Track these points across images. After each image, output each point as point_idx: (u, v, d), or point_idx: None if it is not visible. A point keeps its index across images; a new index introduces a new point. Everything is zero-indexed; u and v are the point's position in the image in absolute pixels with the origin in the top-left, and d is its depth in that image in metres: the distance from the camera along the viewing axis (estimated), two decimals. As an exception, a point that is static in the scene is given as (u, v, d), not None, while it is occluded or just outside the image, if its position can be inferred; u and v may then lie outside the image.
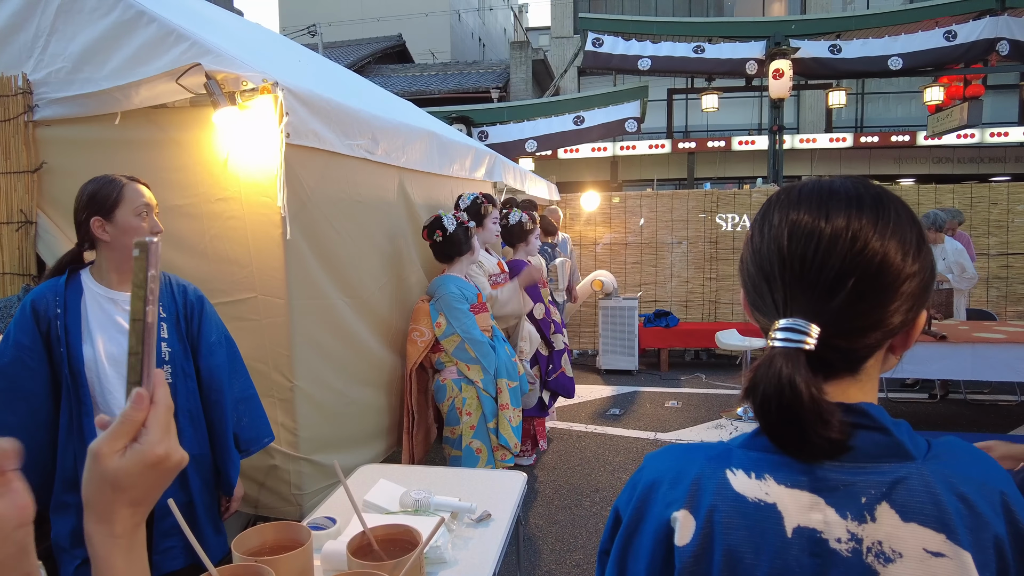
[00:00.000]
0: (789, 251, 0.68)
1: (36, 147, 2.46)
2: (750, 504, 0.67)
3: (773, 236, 0.70)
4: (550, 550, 3.34)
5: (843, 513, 0.65)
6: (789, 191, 0.73)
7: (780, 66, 8.59)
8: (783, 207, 0.72)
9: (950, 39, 8.53)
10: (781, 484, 0.67)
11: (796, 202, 0.71)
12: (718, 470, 0.70)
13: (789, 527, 0.65)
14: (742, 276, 0.76)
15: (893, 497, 0.64)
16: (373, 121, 2.84)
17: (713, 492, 0.68)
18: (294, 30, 18.02)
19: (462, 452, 3.21)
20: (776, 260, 0.69)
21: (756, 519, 0.66)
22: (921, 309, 0.69)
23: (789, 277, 0.68)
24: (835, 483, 0.66)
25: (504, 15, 29.81)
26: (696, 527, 0.68)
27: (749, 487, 0.67)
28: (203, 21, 2.73)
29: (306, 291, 2.48)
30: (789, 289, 0.68)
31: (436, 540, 1.66)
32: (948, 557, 0.62)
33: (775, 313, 0.69)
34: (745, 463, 0.69)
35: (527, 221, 4.44)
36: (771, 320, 0.69)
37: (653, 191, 9.13)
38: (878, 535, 0.63)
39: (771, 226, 0.71)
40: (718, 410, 5.66)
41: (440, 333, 3.20)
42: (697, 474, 0.70)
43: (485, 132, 8.78)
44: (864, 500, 0.65)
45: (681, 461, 0.73)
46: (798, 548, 0.65)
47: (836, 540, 0.64)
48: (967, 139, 13.68)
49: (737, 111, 15.88)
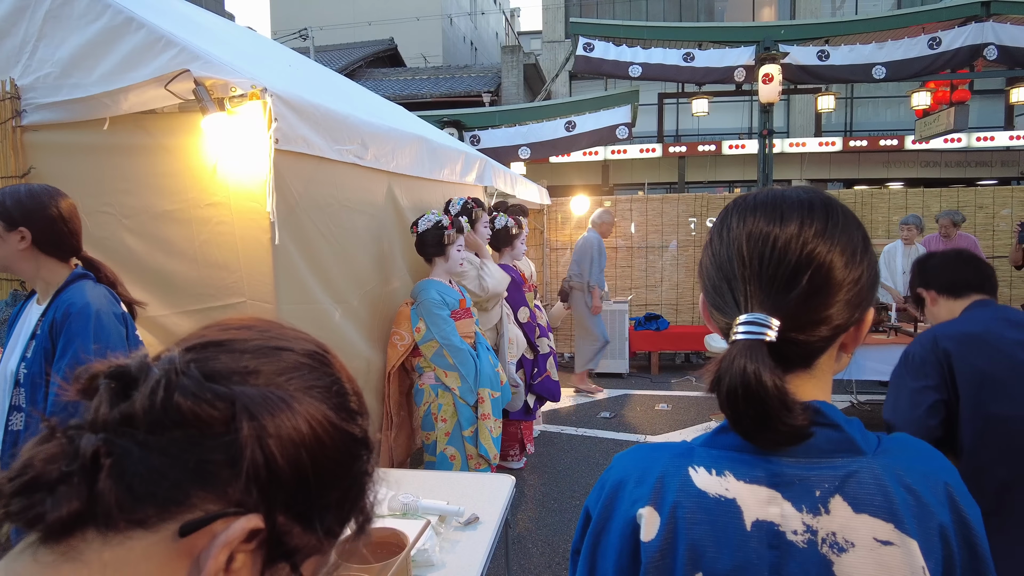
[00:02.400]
0: (748, 252, 0.72)
1: (24, 152, 2.46)
2: (711, 499, 0.70)
3: (732, 239, 0.74)
4: (539, 553, 3.35)
5: (799, 506, 0.68)
6: (745, 199, 0.78)
7: (770, 71, 8.65)
8: (740, 213, 0.76)
9: (934, 47, 8.62)
10: (740, 480, 0.70)
11: (752, 208, 0.75)
12: (681, 468, 0.73)
13: (748, 521, 0.68)
14: (702, 280, 0.79)
15: (845, 490, 0.68)
16: (363, 126, 2.85)
17: (676, 489, 0.71)
18: (285, 34, 18.00)
19: (436, 458, 3.22)
20: (736, 261, 0.73)
21: (717, 514, 0.69)
22: (868, 308, 0.73)
23: (749, 275, 0.71)
24: (791, 478, 0.69)
25: (496, 19, 29.89)
26: (660, 523, 0.70)
27: (710, 483, 0.70)
28: (192, 26, 2.74)
29: (294, 296, 2.49)
30: (749, 286, 0.71)
31: (424, 543, 1.67)
32: (896, 545, 0.66)
33: (736, 310, 0.72)
34: (706, 460, 0.72)
35: (512, 226, 4.46)
36: (731, 318, 0.72)
37: (644, 195, 9.18)
38: (832, 526, 0.67)
39: (729, 230, 0.75)
40: (707, 413, 5.69)
41: (419, 338, 3.21)
42: (661, 472, 0.73)
43: (477, 136, 8.80)
44: (818, 493, 0.68)
45: (646, 460, 0.76)
46: (757, 541, 0.68)
47: (792, 532, 0.67)
48: (954, 143, 13.80)
49: (727, 115, 15.97)
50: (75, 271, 1.86)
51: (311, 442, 0.48)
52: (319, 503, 0.50)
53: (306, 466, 0.48)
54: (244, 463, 0.45)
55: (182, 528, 0.44)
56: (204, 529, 0.45)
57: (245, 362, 0.49)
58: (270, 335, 0.52)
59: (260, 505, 0.46)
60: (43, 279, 1.85)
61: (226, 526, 0.45)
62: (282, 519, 0.47)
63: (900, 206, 7.52)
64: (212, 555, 0.45)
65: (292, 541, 0.49)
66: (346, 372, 0.55)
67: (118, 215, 2.44)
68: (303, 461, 0.48)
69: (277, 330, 0.54)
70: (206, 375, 0.46)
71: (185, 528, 0.44)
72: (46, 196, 1.83)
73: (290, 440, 0.47)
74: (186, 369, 0.46)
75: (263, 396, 0.47)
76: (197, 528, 0.45)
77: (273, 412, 0.47)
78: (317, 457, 0.48)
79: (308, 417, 0.48)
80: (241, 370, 0.48)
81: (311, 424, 0.48)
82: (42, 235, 1.80)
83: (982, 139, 14.27)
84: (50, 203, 1.83)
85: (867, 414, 5.56)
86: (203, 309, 2.43)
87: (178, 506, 0.45)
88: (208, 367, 0.47)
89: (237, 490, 0.45)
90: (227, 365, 0.48)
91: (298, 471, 0.47)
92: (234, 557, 0.46)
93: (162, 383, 0.45)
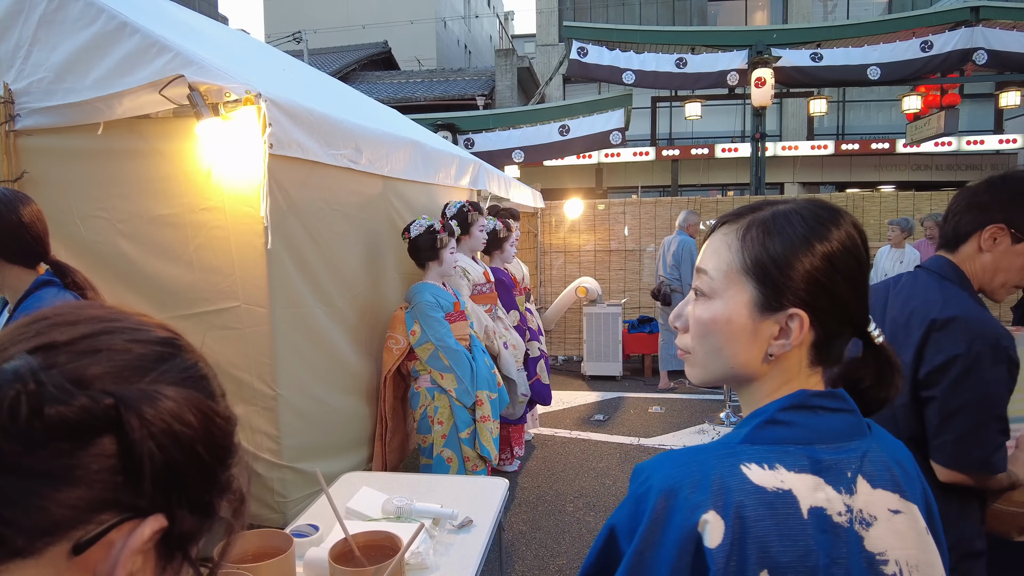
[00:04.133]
0: (864, 264, 0.79)
1: (17, 156, 2.46)
2: (771, 494, 0.70)
3: (850, 248, 0.78)
4: (534, 556, 3.36)
5: (838, 489, 0.72)
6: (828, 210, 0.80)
7: (762, 74, 8.71)
8: (839, 224, 0.78)
9: (926, 49, 8.70)
10: (790, 470, 0.72)
11: (839, 221, 0.79)
12: (733, 467, 0.71)
13: (804, 509, 0.70)
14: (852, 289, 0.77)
15: (864, 469, 0.74)
16: (357, 131, 2.86)
17: (735, 489, 0.70)
18: (279, 37, 17.99)
19: (433, 461, 3.22)
20: (858, 273, 0.78)
21: (778, 507, 0.70)
22: None
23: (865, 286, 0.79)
24: (828, 463, 0.73)
25: (490, 22, 29.94)
26: (726, 526, 0.68)
27: (766, 478, 0.71)
28: (187, 31, 2.74)
29: (289, 300, 2.49)
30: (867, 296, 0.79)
31: (418, 546, 1.68)
32: (903, 513, 0.74)
33: (866, 319, 0.80)
34: (755, 456, 0.72)
35: (501, 229, 4.48)
36: (866, 325, 0.80)
37: (637, 198, 9.21)
38: (859, 504, 0.72)
39: (849, 239, 0.78)
40: (701, 415, 5.72)
41: (415, 341, 3.21)
42: (716, 474, 0.71)
43: (471, 139, 8.82)
44: (848, 475, 0.73)
45: (694, 465, 0.73)
46: (813, 527, 0.70)
47: (837, 514, 0.71)
48: (945, 147, 13.92)
49: (720, 119, 16.05)
50: (39, 278, 1.79)
51: (199, 431, 0.47)
52: (210, 488, 0.49)
53: (199, 455, 0.47)
54: (139, 465, 0.43)
55: (76, 546, 0.42)
56: (100, 542, 0.43)
57: (110, 361, 0.45)
58: (118, 325, 0.49)
59: (160, 503, 0.45)
60: (10, 287, 1.79)
61: (125, 533, 0.43)
62: (179, 512, 0.46)
63: (891, 209, 7.57)
64: (122, 562, 0.43)
65: (188, 530, 0.48)
66: (197, 351, 0.53)
67: (112, 219, 2.44)
68: (196, 451, 0.46)
69: (122, 319, 0.50)
70: (72, 381, 0.42)
71: (79, 546, 0.42)
72: (4, 204, 1.76)
73: (181, 433, 0.45)
74: (48, 378, 0.42)
75: (143, 394, 0.44)
76: (93, 543, 0.42)
77: (157, 409, 0.44)
78: (205, 444, 0.47)
79: (189, 408, 0.46)
80: (110, 371, 0.45)
81: (194, 414, 0.47)
82: (5, 244, 1.74)
83: (972, 142, 14.40)
84: (9, 210, 1.75)
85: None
86: (198, 313, 2.44)
87: (64, 526, 0.42)
88: (71, 372, 0.43)
89: (130, 494, 0.43)
90: (90, 367, 0.44)
91: (192, 462, 0.46)
92: (135, 560, 0.45)
93: (23, 397, 0.40)
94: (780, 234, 0.76)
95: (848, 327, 0.78)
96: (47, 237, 1.84)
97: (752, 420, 0.77)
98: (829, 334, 0.77)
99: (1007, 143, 14.50)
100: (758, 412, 0.77)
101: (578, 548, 3.42)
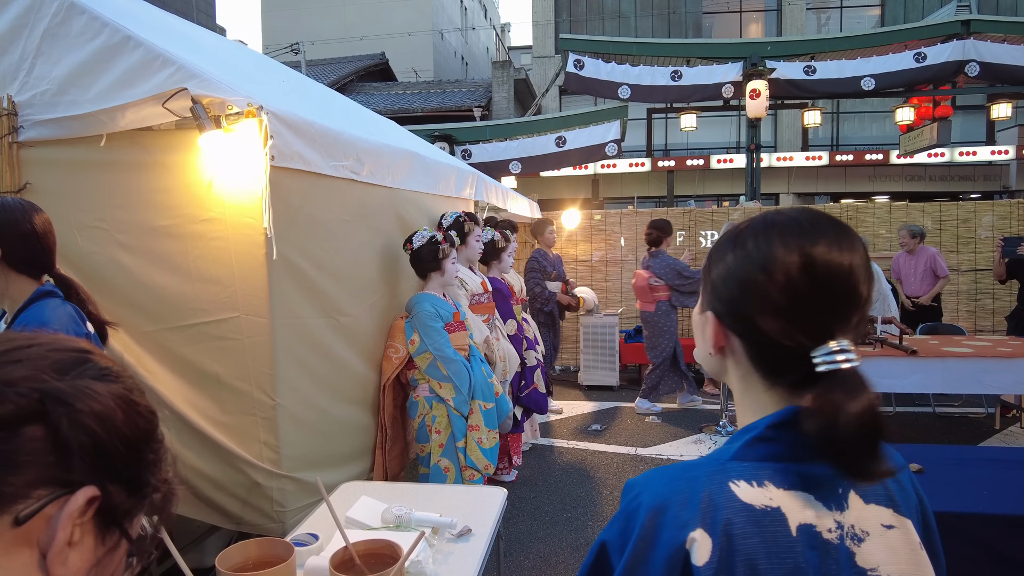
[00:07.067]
0: (826, 279, 0.72)
1: (19, 168, 2.48)
2: (759, 511, 0.71)
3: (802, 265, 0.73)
4: (532, 565, 3.36)
5: (828, 505, 0.73)
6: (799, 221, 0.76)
7: (757, 86, 8.79)
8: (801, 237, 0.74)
9: (920, 60, 8.80)
10: (780, 488, 0.72)
11: (814, 233, 0.74)
12: (722, 485, 0.72)
13: (793, 526, 0.71)
14: (742, 299, 0.76)
15: (856, 485, 0.74)
16: (357, 142, 2.89)
17: (723, 506, 0.71)
18: (277, 48, 18.08)
19: (430, 470, 3.23)
20: (816, 286, 0.73)
21: (766, 525, 0.70)
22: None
23: (831, 302, 0.73)
24: (819, 480, 0.73)
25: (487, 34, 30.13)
26: (713, 544, 0.69)
27: (754, 495, 0.71)
28: (189, 44, 2.78)
29: (289, 310, 2.51)
30: (831, 315, 0.73)
31: (417, 555, 1.69)
32: (897, 528, 0.74)
33: (818, 337, 0.72)
34: (744, 474, 0.73)
35: (499, 239, 4.52)
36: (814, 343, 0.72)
37: (634, 209, 9.26)
38: (851, 520, 0.73)
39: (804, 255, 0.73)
40: (698, 425, 5.73)
41: (414, 350, 3.23)
42: (704, 491, 0.72)
43: (468, 151, 8.87)
44: (840, 491, 0.73)
45: (683, 481, 0.74)
46: (802, 545, 0.70)
47: (827, 531, 0.72)
48: (938, 158, 14.04)
49: (715, 130, 16.16)
50: (40, 288, 1.77)
51: (120, 415, 0.54)
52: (138, 464, 0.56)
53: (123, 435, 0.54)
54: (67, 445, 0.50)
55: (17, 519, 0.49)
56: (39, 515, 0.49)
57: (33, 365, 0.53)
58: (38, 341, 0.56)
59: (91, 478, 0.52)
60: (11, 297, 1.77)
61: (61, 505, 0.50)
62: (111, 486, 0.53)
63: (885, 219, 7.63)
64: (59, 527, 0.50)
65: (121, 505, 0.54)
66: (113, 360, 0.60)
67: (112, 230, 2.46)
68: (120, 431, 0.54)
69: (41, 338, 0.58)
70: (4, 382, 0.50)
71: (20, 519, 0.49)
72: (20, 211, 1.73)
73: (104, 416, 0.53)
74: None
75: (68, 387, 0.52)
76: (33, 515, 0.49)
77: (81, 397, 0.52)
78: (129, 425, 0.55)
79: (110, 396, 0.54)
80: (33, 372, 0.52)
81: (114, 400, 0.54)
82: (14, 252, 1.71)
83: (965, 154, 14.52)
84: (24, 218, 1.73)
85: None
86: (196, 324, 2.45)
87: (6, 501, 0.49)
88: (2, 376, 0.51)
89: (64, 471, 0.50)
90: (15, 371, 0.52)
91: (117, 441, 0.53)
92: (74, 530, 0.51)
93: None
94: (719, 239, 0.84)
95: (776, 343, 0.74)
96: (55, 249, 1.83)
97: (743, 435, 0.77)
98: (759, 344, 0.77)
99: (999, 154, 14.63)
100: (749, 428, 0.77)
101: (576, 558, 3.42)
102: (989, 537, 2.29)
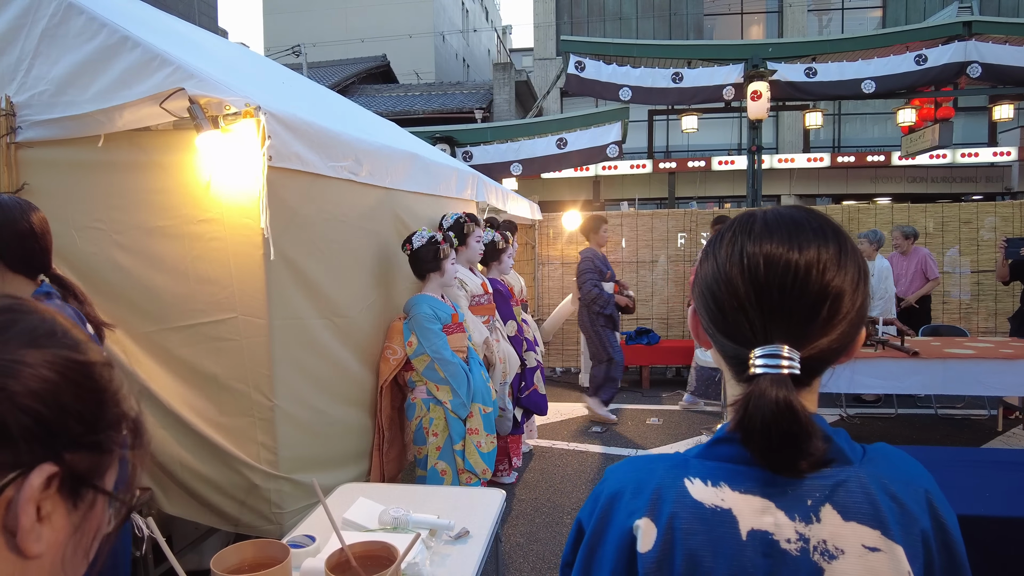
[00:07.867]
0: (767, 281, 0.71)
1: (17, 168, 2.47)
2: (707, 510, 0.71)
3: (748, 263, 0.72)
4: (531, 567, 3.35)
5: (791, 515, 0.70)
6: (752, 220, 0.76)
7: (758, 88, 8.78)
8: (753, 235, 0.74)
9: (921, 63, 8.78)
10: (735, 490, 0.72)
11: (764, 232, 0.74)
12: (677, 479, 0.74)
13: (743, 530, 0.70)
14: (702, 299, 0.78)
15: (835, 499, 0.71)
16: (356, 143, 2.88)
17: (673, 500, 0.72)
18: (278, 50, 18.11)
19: (427, 473, 3.22)
20: (752, 289, 0.72)
21: (713, 524, 0.71)
22: (863, 327, 0.76)
23: (767, 305, 0.71)
24: (784, 488, 0.71)
25: (488, 36, 30.17)
26: (657, 534, 0.72)
27: (706, 494, 0.72)
28: (187, 44, 2.77)
29: (287, 311, 2.50)
30: (768, 317, 0.71)
31: (414, 556, 1.68)
32: (883, 551, 0.69)
33: (752, 339, 0.72)
34: (702, 472, 0.74)
35: (499, 240, 4.52)
36: (747, 346, 0.72)
37: (635, 210, 9.25)
38: (823, 534, 0.70)
39: (743, 252, 0.73)
40: (698, 427, 5.71)
41: (411, 352, 3.22)
42: (657, 484, 0.75)
43: (469, 152, 8.86)
44: (810, 503, 0.71)
45: (642, 472, 0.78)
46: (752, 550, 0.69)
47: (786, 540, 0.70)
48: (940, 159, 14.01)
49: (717, 132, 16.16)
50: (38, 289, 1.75)
51: (64, 384, 0.50)
52: (95, 427, 0.52)
53: (70, 406, 0.50)
54: (7, 430, 0.47)
55: None
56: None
57: None
58: None
59: (45, 454, 0.49)
60: None
61: (18, 488, 0.47)
62: (69, 456, 0.50)
63: (887, 221, 7.61)
64: (21, 511, 0.47)
65: (86, 468, 0.51)
66: (44, 308, 0.56)
67: (109, 231, 2.45)
68: (66, 403, 0.50)
69: None
70: None
71: None
72: (17, 210, 1.71)
73: (43, 392, 0.48)
74: None
75: None
76: None
77: (11, 375, 0.47)
78: (76, 394, 0.51)
79: (46, 365, 0.49)
80: None
81: (53, 370, 0.50)
82: (11, 251, 1.69)
83: (966, 155, 14.50)
84: (21, 217, 1.70)
85: (856, 427, 5.59)
86: (193, 324, 2.44)
87: None
88: None
89: (10, 454, 0.47)
90: None
91: (64, 411, 0.50)
92: (40, 507, 0.49)
93: None
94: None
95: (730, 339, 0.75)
96: (51, 249, 1.82)
97: (717, 434, 0.77)
98: (716, 342, 0.79)
99: (1001, 155, 14.61)
100: (722, 427, 0.76)
101: (575, 560, 3.41)
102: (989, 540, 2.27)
